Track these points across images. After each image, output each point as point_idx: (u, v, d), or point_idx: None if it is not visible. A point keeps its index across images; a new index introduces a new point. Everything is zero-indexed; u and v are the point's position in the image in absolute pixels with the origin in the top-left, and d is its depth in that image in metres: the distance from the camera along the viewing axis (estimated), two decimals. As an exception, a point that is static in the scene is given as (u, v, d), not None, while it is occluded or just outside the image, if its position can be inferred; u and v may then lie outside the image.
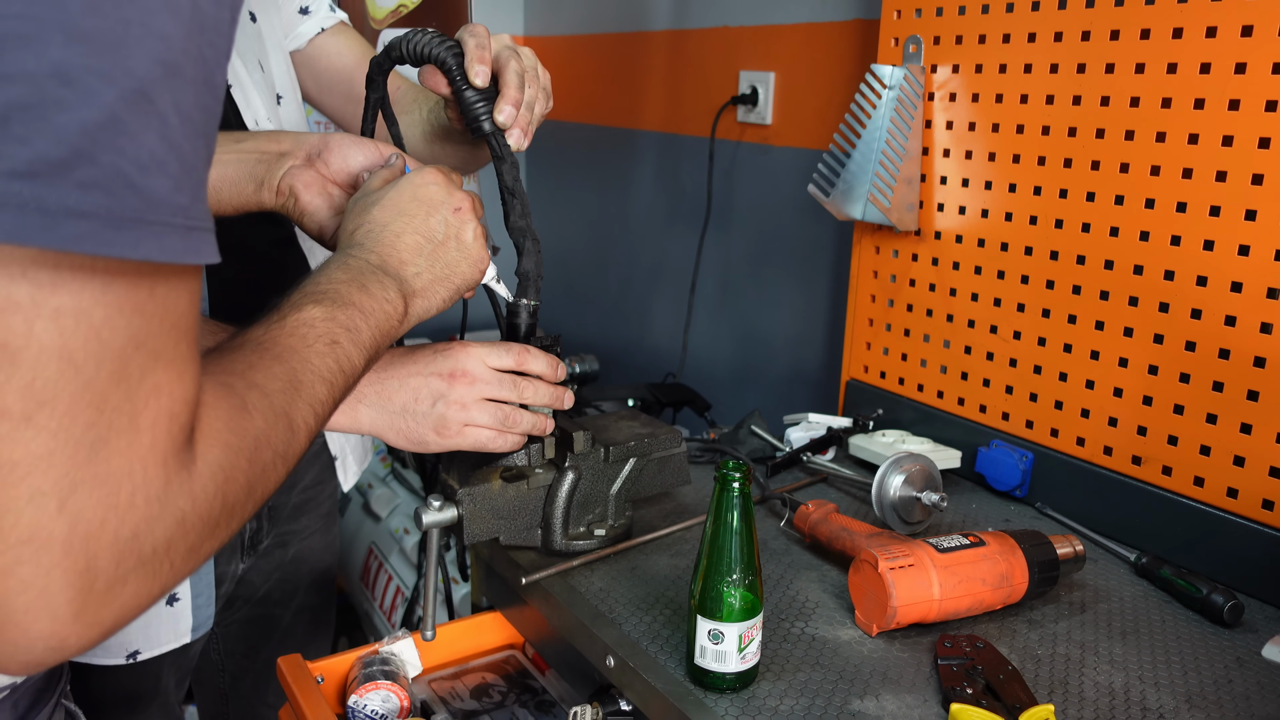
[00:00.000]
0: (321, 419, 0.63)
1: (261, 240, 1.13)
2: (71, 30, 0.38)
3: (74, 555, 0.42)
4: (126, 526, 0.44)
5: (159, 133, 0.41)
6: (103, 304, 0.41)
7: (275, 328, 0.64)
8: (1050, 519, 1.21)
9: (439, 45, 0.91)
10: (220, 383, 0.54)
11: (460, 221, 0.84)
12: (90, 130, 0.39)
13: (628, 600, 1.00)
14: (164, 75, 0.41)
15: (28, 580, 0.41)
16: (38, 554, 0.41)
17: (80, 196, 0.39)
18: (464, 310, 1.18)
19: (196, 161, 0.44)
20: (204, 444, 0.49)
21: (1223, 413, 1.05)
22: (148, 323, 0.43)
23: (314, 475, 1.31)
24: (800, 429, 1.42)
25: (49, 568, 0.41)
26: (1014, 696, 0.82)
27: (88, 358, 0.41)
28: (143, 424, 0.44)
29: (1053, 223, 1.19)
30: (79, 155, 0.39)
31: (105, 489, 0.43)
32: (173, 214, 0.42)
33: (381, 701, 0.99)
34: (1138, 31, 1.07)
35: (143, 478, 0.44)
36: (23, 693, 0.68)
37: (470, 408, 0.90)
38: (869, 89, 1.33)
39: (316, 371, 0.63)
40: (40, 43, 0.38)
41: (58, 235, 0.38)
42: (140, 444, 0.44)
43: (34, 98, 0.38)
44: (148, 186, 0.41)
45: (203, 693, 1.36)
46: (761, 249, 1.92)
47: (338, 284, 0.71)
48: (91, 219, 0.39)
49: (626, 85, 2.26)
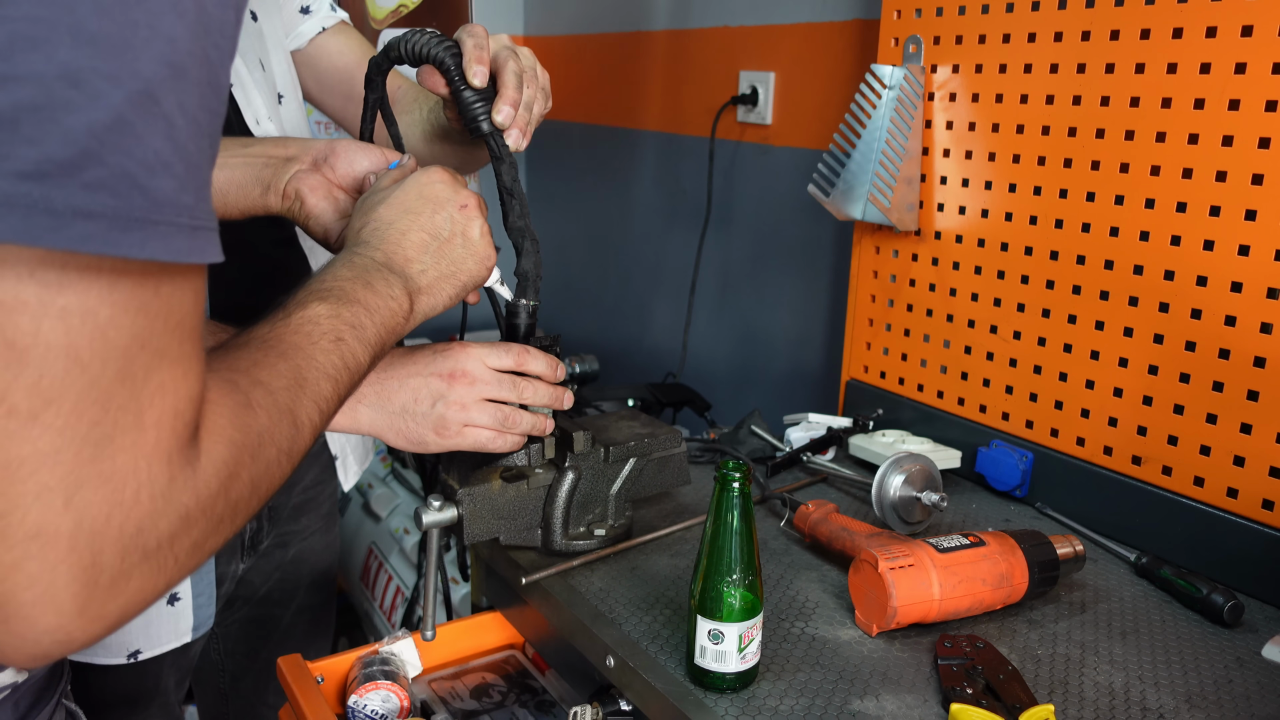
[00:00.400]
0: (327, 415, 0.64)
1: (263, 240, 1.13)
2: (80, 32, 0.38)
3: (79, 551, 0.42)
4: (131, 522, 0.44)
5: (165, 134, 0.41)
6: (109, 303, 0.42)
7: (280, 325, 0.64)
8: (1050, 519, 1.21)
9: (437, 45, 0.91)
10: (225, 380, 0.54)
11: (466, 219, 0.84)
12: (98, 131, 0.39)
13: (628, 600, 1.00)
14: (169, 76, 0.41)
15: (34, 575, 0.42)
16: (44, 549, 0.42)
17: (88, 197, 0.39)
18: (464, 311, 1.18)
19: (201, 162, 0.44)
20: (209, 441, 0.49)
21: (1223, 413, 1.05)
22: (153, 322, 0.44)
23: (314, 475, 1.31)
24: (800, 429, 1.42)
25: (55, 563, 0.42)
26: (1014, 696, 0.82)
27: (94, 356, 0.42)
28: (148, 421, 0.44)
29: (1053, 223, 1.19)
30: (87, 156, 0.39)
31: (111, 486, 0.43)
32: (178, 214, 0.42)
33: (381, 701, 0.99)
34: (1138, 31, 1.07)
35: (148, 475, 0.44)
36: (24, 692, 0.68)
37: (470, 408, 0.90)
38: (869, 89, 1.33)
39: (321, 369, 0.63)
40: (49, 45, 0.38)
41: (65, 236, 0.39)
42: (145, 441, 0.44)
43: (43, 99, 0.38)
44: (154, 187, 0.41)
45: (203, 693, 1.36)
46: (761, 249, 1.92)
47: (343, 281, 0.71)
48: (99, 219, 0.39)
49: (626, 85, 2.26)
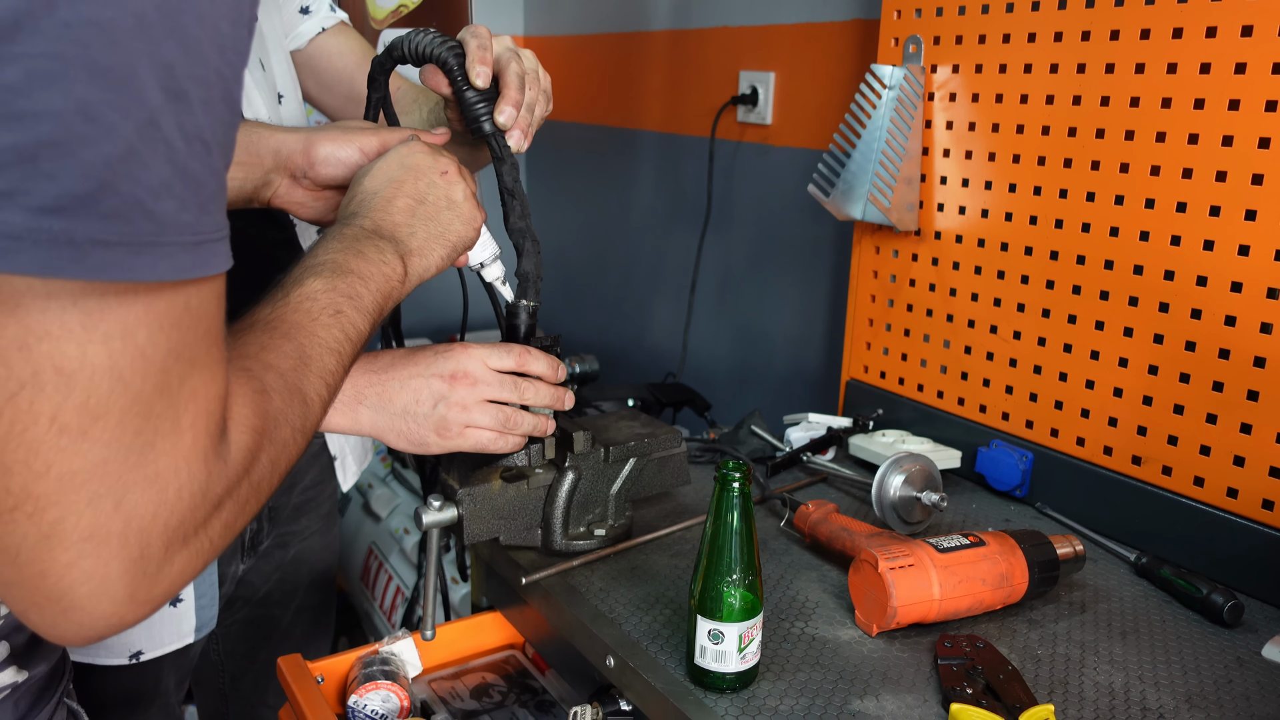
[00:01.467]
0: (333, 389, 0.67)
1: (263, 240, 1.13)
2: (93, 67, 0.40)
3: (130, 546, 0.46)
4: (175, 517, 0.48)
5: (166, 157, 0.43)
6: (145, 324, 0.45)
7: (280, 305, 0.66)
8: (1050, 519, 1.21)
9: (441, 45, 0.91)
10: (240, 369, 0.57)
11: (448, 184, 0.85)
12: (113, 163, 0.41)
13: (628, 600, 1.00)
14: (167, 101, 0.42)
15: (90, 571, 0.46)
16: (98, 549, 0.45)
17: (104, 227, 0.41)
18: (464, 310, 1.18)
19: (204, 178, 0.45)
20: (235, 432, 0.53)
21: (1223, 413, 1.05)
22: (185, 335, 0.47)
23: (314, 475, 1.31)
24: (800, 429, 1.42)
25: (108, 559, 0.46)
26: (1014, 696, 0.82)
27: (134, 374, 0.45)
28: (184, 425, 0.48)
29: (1053, 223, 1.19)
30: (103, 188, 0.41)
31: (155, 487, 0.47)
32: (180, 233, 0.44)
33: (381, 701, 0.99)
34: (1138, 31, 1.07)
35: (187, 474, 0.48)
36: (24, 692, 0.68)
37: (471, 409, 0.90)
38: (869, 89, 1.33)
39: (324, 344, 0.66)
40: (66, 80, 0.39)
41: (86, 266, 0.41)
42: (183, 444, 0.48)
43: (61, 135, 0.39)
44: (159, 210, 0.43)
45: (203, 693, 1.36)
46: (761, 249, 1.92)
47: (335, 254, 0.73)
48: (115, 248, 0.41)
49: (626, 85, 2.26)
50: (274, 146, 0.90)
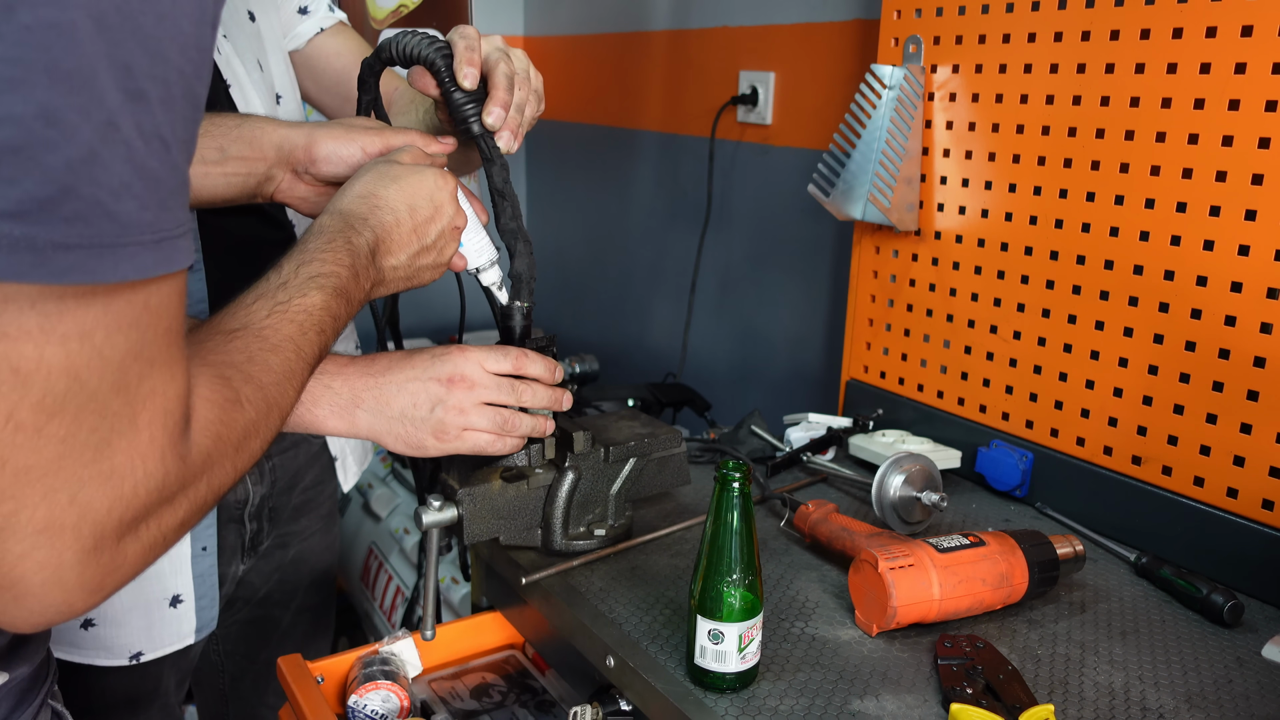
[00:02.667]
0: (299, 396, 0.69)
1: (263, 241, 1.13)
2: (54, 71, 0.40)
3: (83, 539, 0.47)
4: (130, 512, 0.49)
5: (125, 157, 0.43)
6: (104, 325, 0.45)
7: (278, 313, 0.67)
8: (1050, 519, 1.21)
9: (428, 47, 0.91)
10: (218, 375, 0.58)
11: (449, 240, 0.88)
12: (74, 166, 0.41)
13: (628, 600, 1.00)
14: (126, 101, 0.42)
15: (43, 562, 0.47)
16: (52, 541, 0.46)
17: (65, 230, 0.41)
18: (462, 312, 1.18)
19: (164, 175, 0.45)
20: (198, 434, 0.54)
21: (1223, 413, 1.05)
22: (144, 334, 0.47)
23: (314, 476, 1.31)
24: (800, 429, 1.42)
25: (61, 550, 0.47)
26: (1014, 696, 0.82)
27: (91, 373, 0.45)
28: (141, 423, 0.48)
29: (1053, 223, 1.19)
30: (65, 192, 0.41)
31: (110, 482, 0.47)
32: (141, 232, 0.44)
33: (381, 701, 0.99)
34: (1138, 31, 1.07)
35: (144, 471, 0.49)
36: (5, 694, 0.68)
37: (469, 412, 0.90)
38: (869, 89, 1.33)
39: (306, 359, 0.68)
40: (27, 85, 0.39)
41: (48, 270, 0.41)
42: (140, 441, 0.48)
43: (22, 140, 0.39)
44: (119, 211, 0.43)
45: (203, 693, 1.36)
46: (761, 249, 1.92)
47: (341, 269, 0.74)
48: (76, 250, 0.42)
49: (626, 85, 2.26)
50: (277, 141, 0.91)
